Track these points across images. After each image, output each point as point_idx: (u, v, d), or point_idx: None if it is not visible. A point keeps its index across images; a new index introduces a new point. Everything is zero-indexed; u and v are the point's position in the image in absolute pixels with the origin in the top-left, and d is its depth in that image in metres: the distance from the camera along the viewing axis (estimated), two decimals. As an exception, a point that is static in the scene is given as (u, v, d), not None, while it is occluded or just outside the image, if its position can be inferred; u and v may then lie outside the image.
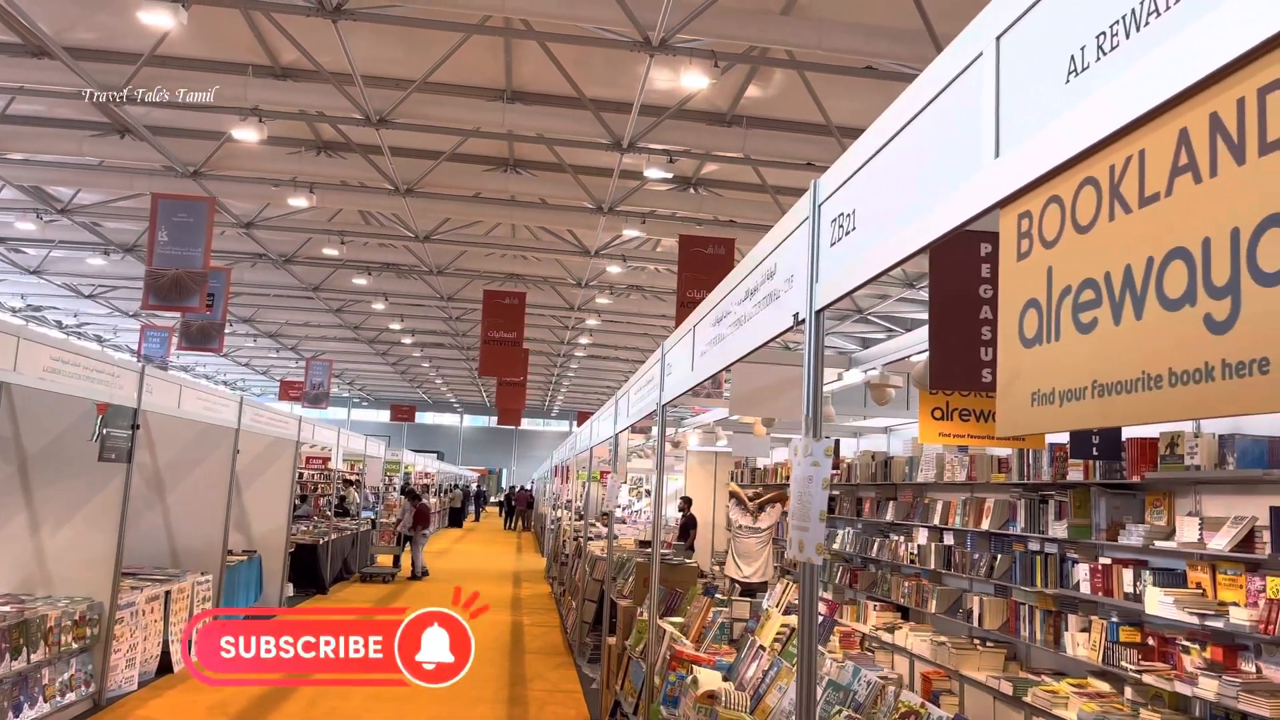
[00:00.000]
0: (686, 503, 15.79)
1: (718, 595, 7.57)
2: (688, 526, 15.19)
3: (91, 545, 7.61)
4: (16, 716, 6.36)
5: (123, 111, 12.83)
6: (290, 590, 13.33)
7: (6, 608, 6.62)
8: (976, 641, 7.71)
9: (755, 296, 3.51)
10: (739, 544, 10.10)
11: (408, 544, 18.15)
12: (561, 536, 15.68)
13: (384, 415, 50.94)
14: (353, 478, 23.29)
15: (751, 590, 9.30)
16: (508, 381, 28.74)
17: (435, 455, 44.83)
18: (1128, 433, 5.98)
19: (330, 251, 21.13)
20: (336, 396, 50.58)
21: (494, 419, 46.12)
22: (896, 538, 9.44)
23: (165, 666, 8.71)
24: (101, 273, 24.82)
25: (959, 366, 2.85)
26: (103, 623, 7.54)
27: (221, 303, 20.95)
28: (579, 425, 33.32)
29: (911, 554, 8.95)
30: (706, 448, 15.57)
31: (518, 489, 40.33)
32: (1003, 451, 7.64)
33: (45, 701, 6.73)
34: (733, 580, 9.81)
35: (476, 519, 42.08)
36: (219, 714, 7.49)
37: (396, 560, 17.97)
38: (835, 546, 10.93)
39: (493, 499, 50.76)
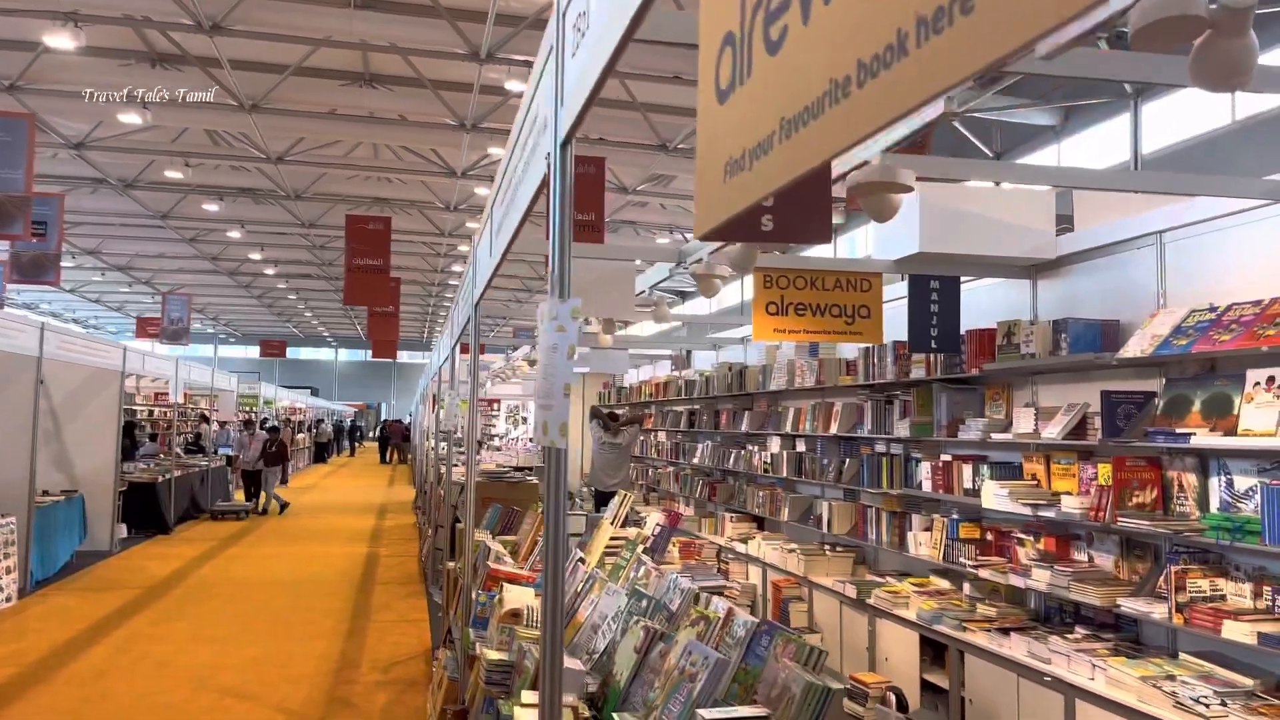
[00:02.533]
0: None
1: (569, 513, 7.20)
2: (557, 450, 14.82)
3: None
4: None
5: None
6: (124, 531, 12.42)
7: None
8: (827, 547, 7.56)
9: (524, 154, 3.02)
10: (602, 458, 10.70)
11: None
12: (426, 465, 15.13)
13: (254, 351, 48.77)
14: (210, 414, 22.14)
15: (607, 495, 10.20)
16: (378, 312, 27.66)
17: (308, 391, 43.29)
18: (966, 324, 5.76)
19: (174, 174, 19.65)
20: (201, 333, 48.16)
21: (370, 353, 44.71)
22: (752, 448, 9.23)
23: (-41, 617, 7.90)
24: (-85, 200, 22.56)
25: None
26: None
27: (56, 231, 19.30)
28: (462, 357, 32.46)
29: (765, 463, 8.75)
30: (575, 369, 15.15)
31: (391, 422, 39.32)
32: (850, 353, 7.41)
33: None
34: (598, 490, 10.37)
35: (352, 454, 40.98)
36: (12, 663, 6.76)
37: (250, 496, 17.06)
38: (695, 461, 10.69)
39: (373, 434, 49.53)
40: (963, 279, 5.93)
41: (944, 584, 6.20)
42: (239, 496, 17.64)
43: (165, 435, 17.52)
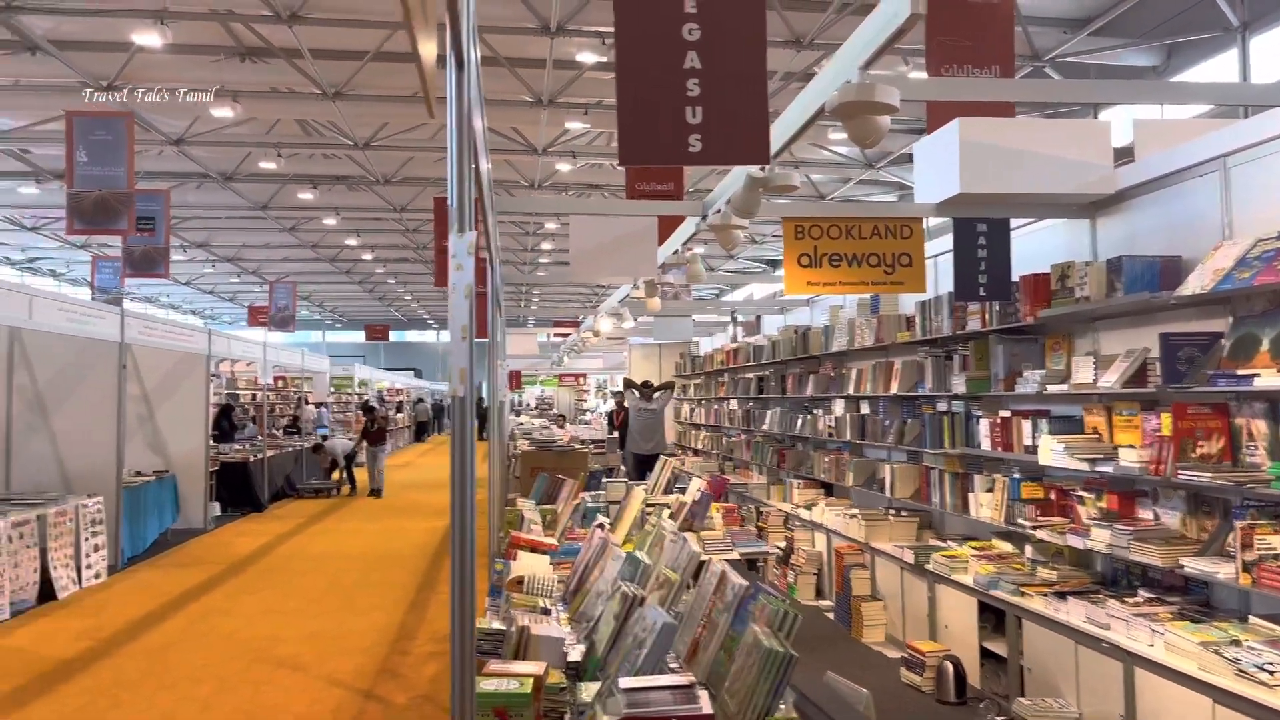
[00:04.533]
0: (622, 397, 15.29)
1: (607, 479, 7.10)
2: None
3: (-66, 469, 7.06)
4: None
5: (21, 24, 11.83)
6: (217, 509, 12.88)
7: None
8: (891, 512, 7.23)
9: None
10: (639, 422, 11.47)
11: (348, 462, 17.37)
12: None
13: (360, 336, 50.20)
14: (306, 396, 22.86)
15: (644, 459, 11.11)
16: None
17: (412, 372, 44.36)
18: (1018, 269, 5.36)
19: (268, 165, 20.20)
20: (308, 319, 49.83)
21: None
22: (817, 412, 8.91)
23: (50, 595, 8.24)
24: (39, 203, 23.78)
25: (656, 131, 2.19)
26: (-45, 551, 7.03)
27: (163, 225, 20.14)
28: (555, 333, 32.77)
29: (830, 427, 8.43)
30: (647, 340, 15.00)
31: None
32: (908, 307, 7.04)
33: (-120, 635, 6.24)
34: (634, 454, 11.19)
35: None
36: (87, 638, 7.03)
37: (346, 476, 17.34)
38: (765, 427, 10.41)
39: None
40: (1014, 221, 5.52)
41: (1006, 547, 5.83)
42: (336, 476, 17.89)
43: (262, 417, 18.08)
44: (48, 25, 12.69)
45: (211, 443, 13.11)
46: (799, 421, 9.29)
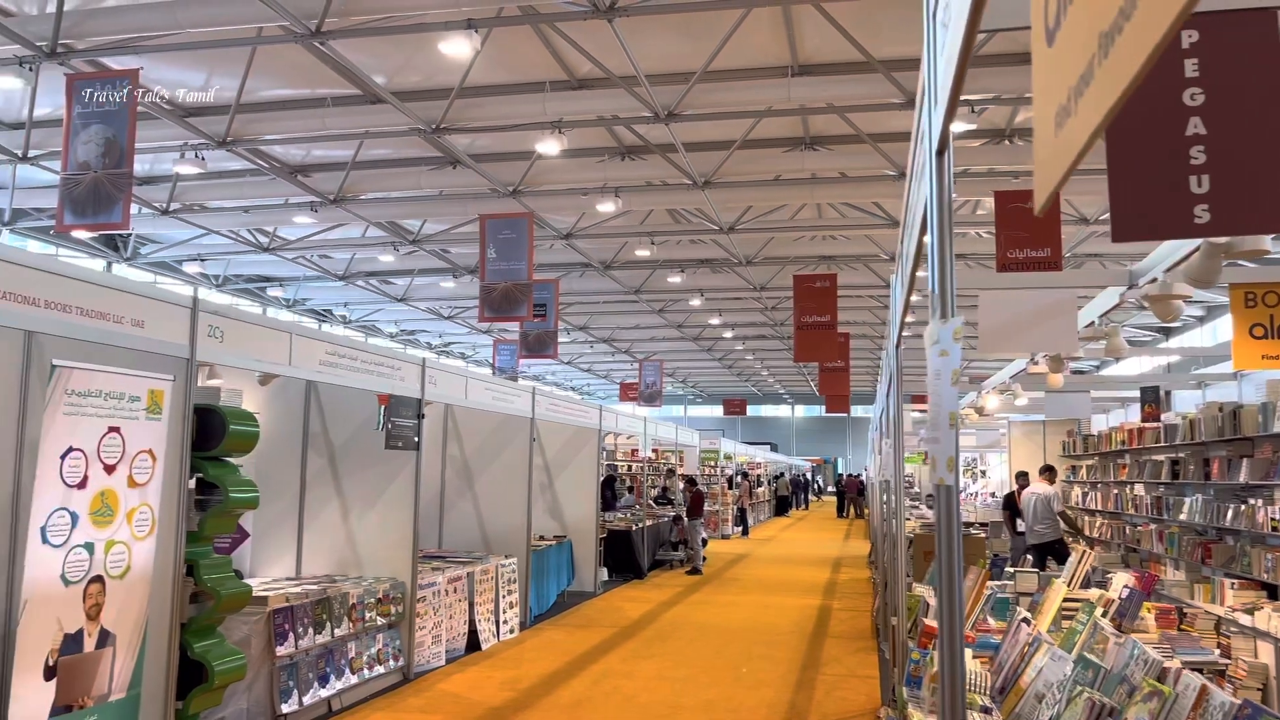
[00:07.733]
0: (1023, 478, 14.31)
1: (1010, 569, 6.65)
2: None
3: (392, 529, 8.17)
4: (324, 685, 6.91)
5: (447, 143, 13.91)
6: (605, 574, 13.71)
7: (315, 586, 7.22)
8: (1368, 625, 6.09)
9: (917, 176, 2.85)
10: (1036, 509, 11.35)
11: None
12: (878, 519, 14.83)
13: (718, 410, 52.00)
14: (678, 468, 23.83)
15: (1043, 547, 10.97)
16: (828, 367, 28.15)
17: (768, 446, 44.93)
18: None
19: (643, 253, 21.74)
20: (671, 394, 52.44)
21: (824, 408, 45.46)
22: (1255, 502, 7.76)
23: (475, 645, 9.18)
24: (454, 295, 27.32)
25: (1156, 205, 2.02)
26: (406, 601, 8.05)
27: (553, 311, 22.32)
28: (915, 409, 31.82)
29: (1274, 520, 7.30)
30: (1032, 417, 14.00)
31: (847, 476, 39.39)
32: (1384, 382, 5.98)
33: (353, 673, 7.25)
34: (1032, 544, 11.15)
35: (806, 507, 41.58)
36: (509, 688, 7.70)
37: (676, 547, 17.35)
38: (1183, 517, 9.25)
39: (830, 488, 50.12)
40: None
41: None
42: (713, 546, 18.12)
43: (639, 487, 19.08)
44: (466, 142, 14.70)
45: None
46: (1229, 512, 8.16)
